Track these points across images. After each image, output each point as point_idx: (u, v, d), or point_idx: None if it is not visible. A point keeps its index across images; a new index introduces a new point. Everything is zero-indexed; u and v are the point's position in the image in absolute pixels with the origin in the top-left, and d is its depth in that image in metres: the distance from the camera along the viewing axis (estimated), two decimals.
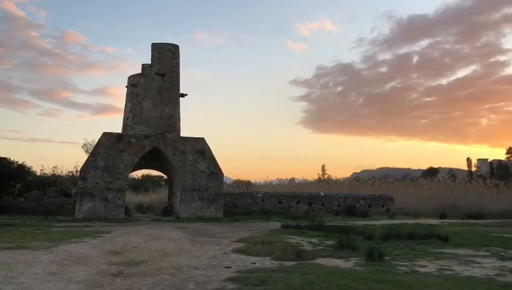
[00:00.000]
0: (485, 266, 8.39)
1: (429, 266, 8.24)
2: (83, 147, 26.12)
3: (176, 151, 21.17)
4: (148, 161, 22.55)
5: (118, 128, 22.62)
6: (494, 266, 8.39)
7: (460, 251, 10.52)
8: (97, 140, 20.93)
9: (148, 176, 44.80)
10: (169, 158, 21.13)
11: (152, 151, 21.29)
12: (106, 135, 20.71)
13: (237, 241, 11.73)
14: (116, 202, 19.96)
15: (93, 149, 20.90)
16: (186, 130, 28.06)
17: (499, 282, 6.82)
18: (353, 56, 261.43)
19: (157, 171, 28.28)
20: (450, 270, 7.89)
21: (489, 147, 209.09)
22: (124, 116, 22.79)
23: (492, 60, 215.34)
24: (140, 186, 39.47)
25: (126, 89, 23.13)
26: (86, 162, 20.33)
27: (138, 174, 43.87)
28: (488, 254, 10.25)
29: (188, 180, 21.01)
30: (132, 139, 20.83)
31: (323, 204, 25.86)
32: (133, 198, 31.74)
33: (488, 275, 7.48)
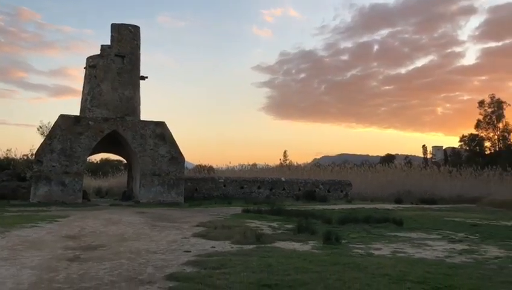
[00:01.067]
0: (436, 249, 8.75)
1: (384, 249, 8.52)
2: (38, 130, 25.20)
3: (135, 135, 20.80)
4: (107, 144, 22.07)
5: (76, 111, 22.01)
6: (445, 249, 8.77)
7: (413, 235, 10.93)
8: (54, 122, 20.28)
9: (107, 160, 43.95)
10: (129, 142, 20.76)
11: (111, 135, 20.83)
12: (63, 118, 20.09)
13: (197, 225, 11.73)
14: (73, 186, 19.47)
15: (50, 132, 20.24)
16: (147, 114, 27.63)
17: (447, 263, 7.14)
18: (315, 43, 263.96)
19: (116, 155, 27.78)
20: (403, 252, 8.19)
21: (444, 135, 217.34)
22: (82, 99, 22.15)
23: (448, 50, 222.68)
24: (98, 170, 38.67)
25: (84, 70, 22.46)
26: (41, 145, 19.68)
27: (97, 158, 43.00)
28: (439, 237, 10.70)
29: (148, 164, 20.73)
30: (90, 122, 20.30)
31: (284, 189, 26.14)
32: (91, 182, 31.06)
33: (439, 256, 7.82)
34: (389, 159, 55.78)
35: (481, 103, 53.42)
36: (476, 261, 7.42)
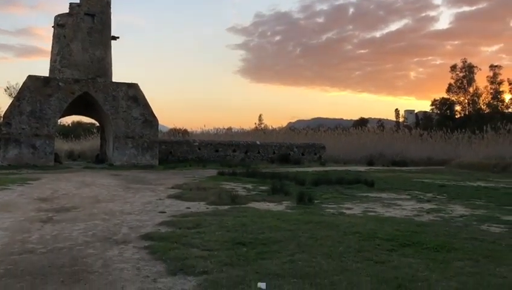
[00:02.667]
0: (405, 208, 9.04)
1: (355, 209, 8.75)
2: (6, 91, 24.51)
3: (107, 97, 20.38)
4: (79, 106, 21.59)
5: (45, 72, 21.33)
6: (413, 208, 9.06)
7: (384, 195, 11.23)
8: (22, 84, 19.64)
9: (79, 123, 43.19)
10: (101, 104, 20.34)
11: (82, 97, 20.36)
12: (31, 78, 19.46)
13: (172, 187, 11.74)
14: (44, 149, 19.11)
15: (18, 93, 19.64)
16: (119, 75, 27.00)
17: (415, 221, 7.40)
18: (291, 5, 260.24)
19: (88, 118, 27.26)
20: (374, 212, 8.43)
21: (416, 99, 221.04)
22: (51, 59, 21.45)
23: (423, 14, 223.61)
24: (70, 133, 38.02)
25: (53, 29, 21.66)
26: (10, 106, 19.11)
27: (68, 120, 42.20)
28: (408, 197, 11.02)
29: (121, 127, 20.44)
30: (60, 84, 19.74)
31: (258, 152, 26.30)
32: (63, 145, 30.52)
33: (407, 215, 8.08)
34: (362, 122, 56.47)
35: (453, 68, 54.26)
36: (443, 220, 7.70)
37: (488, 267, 4.60)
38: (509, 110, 52.25)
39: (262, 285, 3.83)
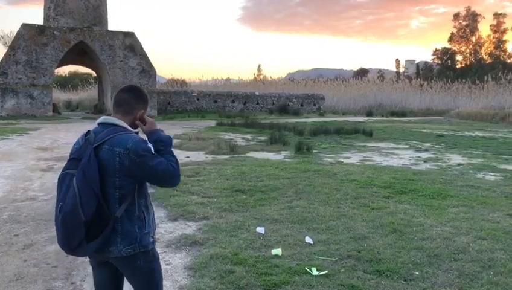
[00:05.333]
0: (403, 157, 9.12)
1: (353, 158, 8.82)
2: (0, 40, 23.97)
3: (104, 46, 20.01)
4: (75, 56, 21.24)
5: (39, 21, 20.84)
6: (411, 157, 9.14)
7: (382, 144, 11.29)
8: (16, 32, 19.23)
9: (75, 73, 42.64)
10: (97, 53, 20.01)
11: (78, 46, 19.99)
12: (26, 27, 19.02)
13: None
14: (42, 99, 18.99)
15: (12, 42, 19.25)
16: (114, 24, 26.40)
17: (412, 170, 7.49)
18: None
19: (85, 68, 26.91)
20: (371, 161, 8.51)
21: (417, 48, 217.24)
22: (45, 6, 20.87)
23: None
24: (68, 83, 37.64)
25: None
26: (5, 56, 18.80)
27: (65, 70, 41.69)
28: (406, 146, 11.10)
29: (119, 77, 20.21)
30: (55, 32, 19.33)
31: (257, 103, 26.18)
32: (60, 96, 30.31)
33: (405, 164, 8.16)
34: (362, 73, 55.92)
35: (456, 16, 53.11)
36: (440, 168, 7.79)
37: (482, 213, 4.70)
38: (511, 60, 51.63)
39: (260, 229, 3.93)
